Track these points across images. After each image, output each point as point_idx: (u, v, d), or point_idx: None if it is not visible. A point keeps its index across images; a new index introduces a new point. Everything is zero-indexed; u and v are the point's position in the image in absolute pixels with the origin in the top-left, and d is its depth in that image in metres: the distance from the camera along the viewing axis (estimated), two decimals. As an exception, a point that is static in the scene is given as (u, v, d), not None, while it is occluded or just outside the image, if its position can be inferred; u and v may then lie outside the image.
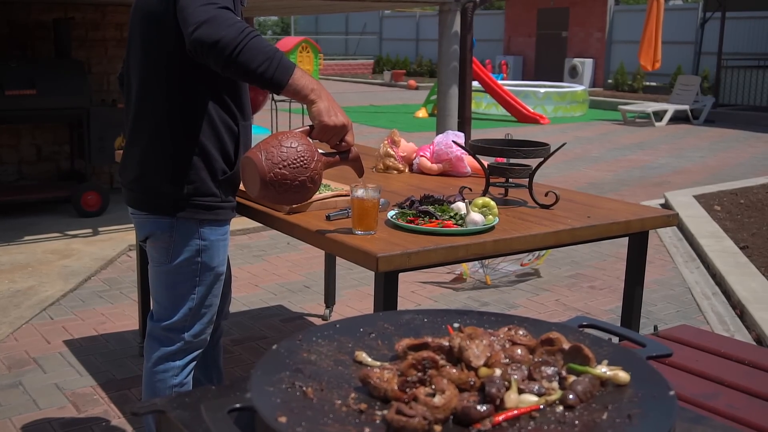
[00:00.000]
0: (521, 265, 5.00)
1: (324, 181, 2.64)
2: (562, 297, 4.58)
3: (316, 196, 2.42)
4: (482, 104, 14.93)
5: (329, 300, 4.18)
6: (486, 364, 1.01)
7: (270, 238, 5.68)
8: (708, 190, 7.52)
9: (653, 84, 19.07)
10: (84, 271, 4.70)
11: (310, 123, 2.02)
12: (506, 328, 1.13)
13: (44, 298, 4.26)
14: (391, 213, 2.25)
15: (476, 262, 4.85)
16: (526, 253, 4.97)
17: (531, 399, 0.96)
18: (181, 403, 1.05)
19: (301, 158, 1.85)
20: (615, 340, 1.26)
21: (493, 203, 2.27)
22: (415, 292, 4.56)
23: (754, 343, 3.83)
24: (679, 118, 14.21)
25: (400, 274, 2.04)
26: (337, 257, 4.08)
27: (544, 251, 5.02)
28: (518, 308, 4.35)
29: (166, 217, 2.15)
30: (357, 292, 4.53)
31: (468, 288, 4.70)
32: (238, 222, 5.07)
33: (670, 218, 2.54)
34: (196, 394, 1.07)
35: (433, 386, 0.95)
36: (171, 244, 2.17)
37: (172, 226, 2.15)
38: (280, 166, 1.82)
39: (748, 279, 4.68)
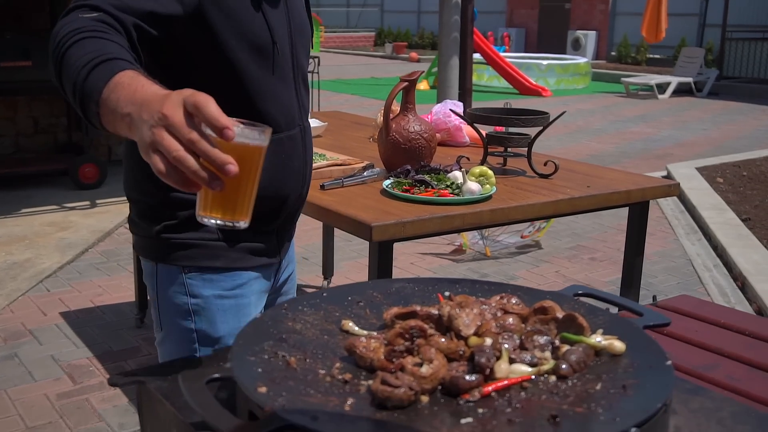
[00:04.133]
0: (521, 237, 4.96)
1: (319, 151, 2.60)
2: (562, 269, 4.55)
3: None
4: (484, 76, 14.81)
5: (327, 272, 4.15)
6: (476, 333, 0.98)
7: (269, 211, 5.64)
8: (710, 162, 7.46)
9: (657, 56, 18.89)
10: (81, 244, 4.68)
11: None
12: (498, 297, 1.09)
13: (41, 270, 4.24)
14: (387, 182, 2.21)
15: (476, 234, 4.82)
16: (527, 225, 4.94)
17: (522, 369, 0.92)
18: (161, 373, 1.01)
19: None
20: (613, 311, 1.23)
21: (490, 172, 2.23)
22: (414, 263, 4.53)
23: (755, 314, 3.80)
24: (682, 90, 14.09)
25: (400, 246, 2.01)
26: (335, 228, 4.05)
27: (545, 223, 4.98)
28: (518, 280, 4.32)
29: (147, 260, 1.54)
30: (356, 264, 4.50)
31: (468, 260, 4.66)
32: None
33: (672, 188, 2.49)
34: (177, 365, 1.04)
35: (421, 356, 0.92)
36: (156, 300, 1.55)
37: (154, 275, 1.53)
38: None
39: (750, 251, 4.64)
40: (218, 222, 0.99)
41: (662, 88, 13.89)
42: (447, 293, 1.11)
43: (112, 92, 1.08)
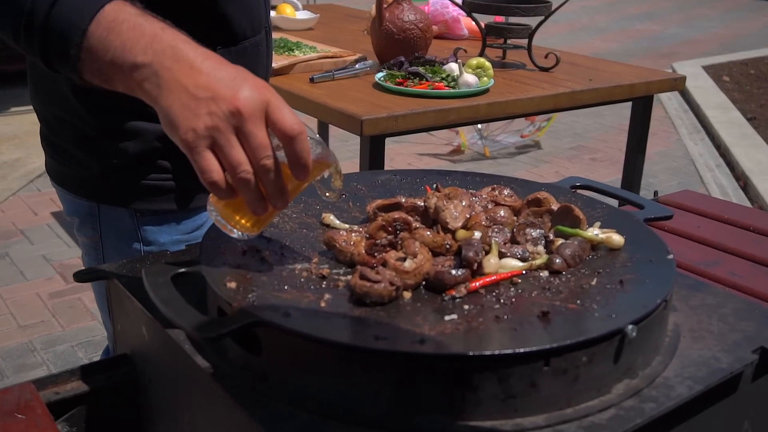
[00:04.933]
0: (521, 136, 4.87)
1: (310, 43, 2.49)
2: (562, 169, 4.47)
3: (300, 57, 2.28)
4: (487, -28, 14.35)
5: (323, 172, 4.08)
6: (464, 227, 0.91)
7: (264, 110, 5.53)
8: (717, 60, 7.28)
9: (666, -49, 18.27)
10: (72, 143, 4.60)
11: None
12: (489, 188, 1.02)
13: (31, 170, 4.17)
14: (379, 75, 2.11)
15: (475, 134, 4.73)
16: (527, 124, 4.84)
17: (513, 264, 0.86)
18: (130, 269, 0.96)
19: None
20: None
21: (488, 64, 2.13)
22: (411, 164, 4.45)
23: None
24: (691, -14, 13.68)
25: (396, 147, 1.94)
26: (330, 127, 3.95)
27: (545, 123, 4.88)
28: (516, 180, 4.26)
29: (83, 198, 1.25)
30: (352, 164, 4.42)
31: (466, 160, 4.59)
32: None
33: (677, 81, 2.39)
34: (148, 260, 0.98)
35: (404, 250, 0.86)
36: (99, 243, 1.28)
37: (94, 214, 1.26)
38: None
39: (753, 150, 4.56)
40: (236, 231, 0.86)
41: (670, -16, 13.48)
42: (435, 185, 1.04)
43: (110, 33, 0.78)
